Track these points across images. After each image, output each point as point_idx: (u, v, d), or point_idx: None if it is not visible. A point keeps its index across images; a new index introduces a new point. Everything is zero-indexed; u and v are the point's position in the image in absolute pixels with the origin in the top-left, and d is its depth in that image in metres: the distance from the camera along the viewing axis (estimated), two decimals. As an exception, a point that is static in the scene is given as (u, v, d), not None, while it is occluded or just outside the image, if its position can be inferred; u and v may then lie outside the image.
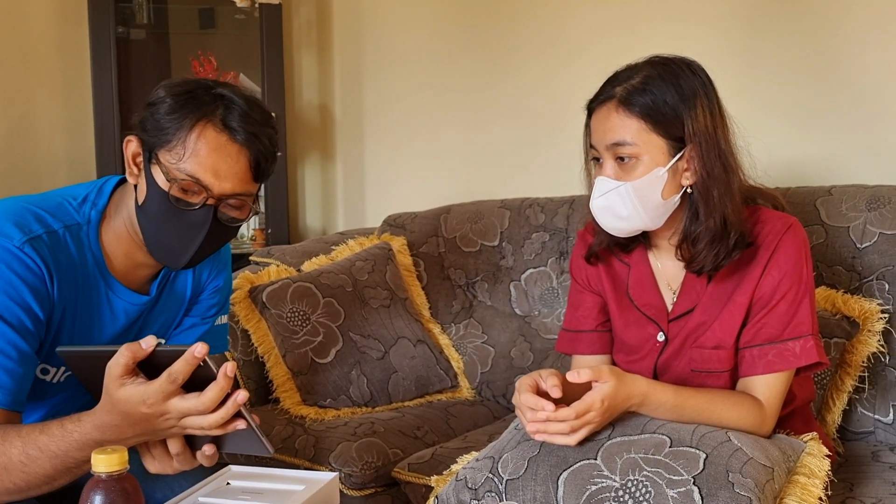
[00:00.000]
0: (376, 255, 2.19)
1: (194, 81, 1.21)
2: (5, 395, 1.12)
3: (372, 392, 1.98)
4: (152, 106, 1.18)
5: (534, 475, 1.18)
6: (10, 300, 1.12)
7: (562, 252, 2.14)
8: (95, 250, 1.23)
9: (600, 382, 1.17)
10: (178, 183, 1.16)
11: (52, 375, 1.25)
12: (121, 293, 1.27)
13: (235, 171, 1.17)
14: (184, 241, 1.20)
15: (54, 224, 1.19)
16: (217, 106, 1.17)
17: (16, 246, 1.13)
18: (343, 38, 2.88)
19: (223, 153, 1.16)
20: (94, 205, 1.24)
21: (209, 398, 1.00)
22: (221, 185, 1.17)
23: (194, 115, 1.16)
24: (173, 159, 1.16)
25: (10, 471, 1.07)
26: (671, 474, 1.12)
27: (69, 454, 1.06)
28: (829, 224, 1.77)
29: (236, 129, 1.16)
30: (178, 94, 1.17)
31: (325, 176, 2.98)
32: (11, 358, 1.13)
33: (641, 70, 1.29)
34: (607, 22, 2.35)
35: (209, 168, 1.16)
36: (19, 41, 2.55)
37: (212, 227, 1.19)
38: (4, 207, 1.18)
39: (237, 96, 1.19)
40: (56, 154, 2.67)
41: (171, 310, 1.37)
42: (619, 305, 1.44)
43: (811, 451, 1.29)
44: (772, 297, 1.29)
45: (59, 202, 1.22)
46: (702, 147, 1.27)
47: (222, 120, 1.17)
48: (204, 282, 1.41)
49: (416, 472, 1.65)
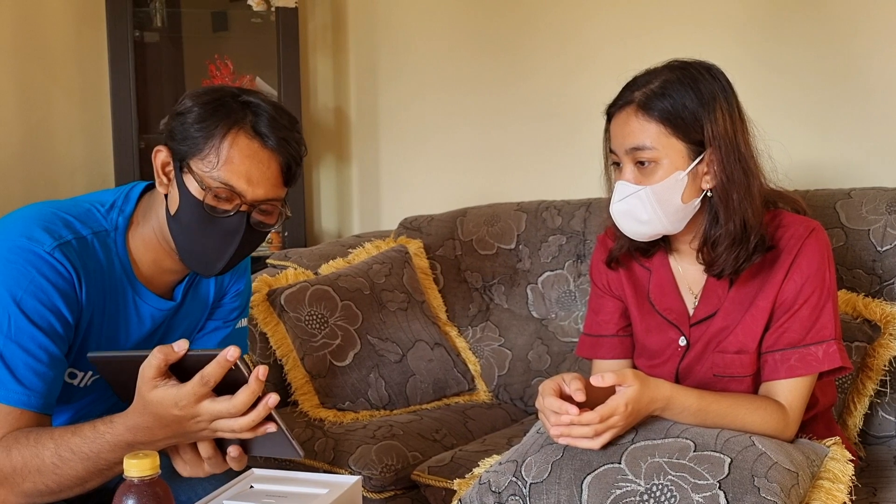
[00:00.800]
0: (393, 257, 2.20)
1: (219, 89, 1.22)
2: (37, 398, 1.13)
3: (390, 395, 1.99)
4: (180, 115, 1.19)
5: (558, 479, 1.18)
6: (40, 304, 1.13)
7: (579, 255, 2.14)
8: (123, 256, 1.24)
9: (624, 386, 1.17)
10: (212, 191, 1.17)
11: (80, 379, 1.26)
12: (147, 298, 1.28)
13: (267, 176, 1.18)
14: (218, 249, 1.21)
15: (83, 230, 1.20)
16: (246, 113, 1.18)
17: (46, 251, 1.14)
18: (358, 41, 2.89)
19: (255, 159, 1.17)
20: (122, 211, 1.26)
21: (241, 401, 1.01)
22: (255, 191, 1.18)
23: (225, 122, 1.17)
24: (206, 167, 1.17)
25: (43, 472, 1.09)
26: (696, 479, 1.12)
27: (101, 456, 1.07)
28: (849, 227, 1.76)
29: (267, 134, 1.18)
30: (206, 102, 1.18)
31: (340, 178, 2.99)
32: (42, 361, 1.14)
33: (661, 74, 1.29)
34: (623, 25, 2.35)
35: (242, 175, 1.17)
36: (37, 46, 2.57)
37: (245, 233, 1.20)
38: (34, 213, 1.20)
39: (264, 102, 1.20)
40: (74, 158, 2.68)
41: (194, 314, 1.38)
42: (641, 310, 1.44)
43: (834, 456, 1.29)
44: (794, 302, 1.29)
45: (87, 208, 1.24)
46: (721, 151, 1.27)
47: (253, 126, 1.18)
48: (226, 286, 1.42)
49: (435, 475, 1.65)
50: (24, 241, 1.14)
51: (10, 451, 1.10)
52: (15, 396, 1.12)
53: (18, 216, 1.20)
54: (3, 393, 1.12)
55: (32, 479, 1.09)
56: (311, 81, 2.94)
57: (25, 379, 1.12)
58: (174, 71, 2.88)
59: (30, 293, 1.12)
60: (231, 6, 2.83)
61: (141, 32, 2.65)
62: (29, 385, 1.13)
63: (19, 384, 1.12)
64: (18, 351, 1.12)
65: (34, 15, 2.57)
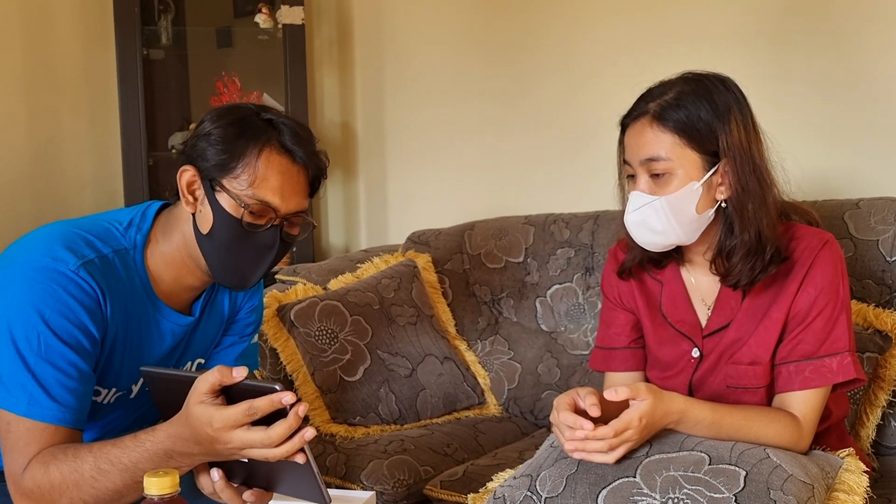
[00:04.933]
0: (402, 272, 2.20)
1: (239, 108, 1.25)
2: (70, 414, 1.15)
3: (400, 409, 1.99)
4: (207, 136, 1.22)
5: (573, 493, 1.18)
6: (68, 322, 1.15)
7: (587, 268, 2.14)
8: (142, 274, 1.26)
9: (638, 400, 1.17)
10: (249, 208, 1.20)
11: (104, 397, 1.27)
12: (167, 315, 1.29)
13: (297, 190, 1.23)
14: (254, 263, 1.24)
15: (104, 249, 1.22)
16: (271, 130, 1.22)
17: (71, 270, 1.16)
18: (364, 57, 2.90)
19: (287, 175, 1.21)
20: (139, 229, 1.27)
21: (277, 434, 1.01)
22: (287, 205, 1.22)
23: (255, 141, 1.20)
24: (241, 185, 1.20)
25: (81, 487, 1.10)
26: (712, 492, 1.12)
27: (139, 466, 1.08)
28: (858, 237, 1.76)
29: (295, 150, 1.22)
30: (231, 122, 1.22)
31: (347, 193, 3.00)
32: (73, 377, 1.15)
33: (675, 86, 1.30)
34: (631, 38, 2.36)
35: (277, 191, 1.20)
36: (46, 65, 2.59)
37: (279, 246, 1.24)
38: (55, 232, 1.21)
39: (283, 118, 1.24)
40: (83, 175, 2.70)
41: (212, 330, 1.40)
42: (653, 322, 1.44)
43: (849, 468, 1.29)
44: (808, 314, 1.29)
45: (105, 227, 1.25)
46: (736, 162, 1.27)
47: (280, 143, 1.21)
48: (240, 302, 1.43)
49: (448, 489, 1.65)
50: (48, 260, 1.16)
51: (47, 466, 1.11)
52: (49, 413, 1.13)
53: (39, 236, 1.21)
54: (37, 410, 1.13)
55: (70, 493, 1.10)
56: (318, 97, 2.96)
57: (58, 395, 1.14)
58: (180, 88, 2.90)
59: (57, 311, 1.14)
60: (236, 23, 2.85)
61: (147, 50, 2.67)
62: (62, 401, 1.14)
63: (52, 400, 1.13)
64: (49, 368, 1.13)
65: (43, 35, 2.59)
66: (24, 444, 1.13)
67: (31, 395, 1.13)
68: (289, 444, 1.01)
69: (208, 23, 2.87)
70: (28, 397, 1.13)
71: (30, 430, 1.13)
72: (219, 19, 2.89)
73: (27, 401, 1.13)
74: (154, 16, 2.69)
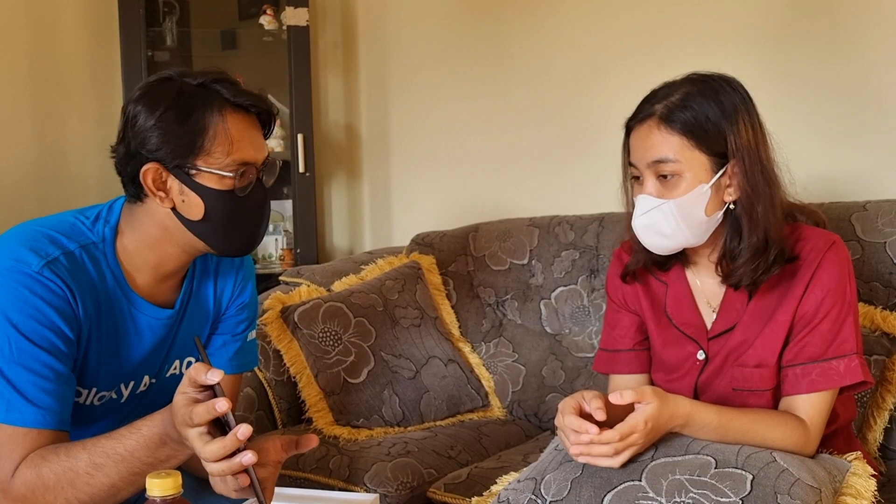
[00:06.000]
0: (406, 274, 2.20)
1: (161, 85, 1.20)
2: (51, 416, 1.13)
3: (404, 412, 1.98)
4: (154, 128, 1.17)
5: (577, 497, 1.17)
6: (38, 324, 1.13)
7: (592, 270, 2.14)
8: (114, 267, 1.23)
9: (643, 404, 1.16)
10: (236, 176, 1.20)
11: (85, 398, 1.25)
12: (143, 308, 1.26)
13: (260, 136, 1.24)
14: (254, 224, 1.25)
15: (69, 245, 1.19)
16: (213, 92, 1.20)
17: (35, 271, 1.13)
18: (368, 59, 2.90)
19: (251, 127, 1.22)
20: (107, 222, 1.24)
21: (210, 451, 1.01)
22: (258, 155, 1.23)
23: (208, 110, 1.18)
24: (219, 158, 1.18)
25: (76, 484, 1.09)
26: (718, 496, 1.11)
27: (135, 454, 1.08)
28: (865, 240, 1.75)
29: (242, 102, 1.21)
30: (170, 104, 1.17)
31: (351, 195, 3.00)
32: (49, 379, 1.14)
33: (681, 87, 1.29)
34: (636, 40, 2.35)
35: (250, 146, 1.21)
36: (51, 67, 2.59)
37: (268, 198, 1.26)
38: (18, 233, 1.19)
39: (209, 76, 1.22)
40: (87, 177, 2.70)
41: (197, 326, 1.36)
42: (658, 324, 1.43)
43: (856, 471, 1.27)
44: (815, 316, 1.28)
45: (71, 222, 1.23)
46: (745, 162, 1.26)
47: (228, 101, 1.20)
48: (228, 296, 1.39)
49: (452, 492, 1.64)
50: (10, 262, 1.14)
51: (39, 468, 1.10)
52: (29, 417, 1.12)
53: (3, 239, 1.19)
54: (16, 415, 1.12)
55: (65, 493, 1.09)
56: (322, 99, 2.96)
57: (36, 399, 1.12)
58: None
59: (25, 314, 1.12)
60: (240, 25, 2.85)
61: (152, 52, 2.67)
62: (40, 404, 1.12)
63: (31, 404, 1.12)
64: (24, 372, 1.12)
65: (49, 36, 2.59)
66: (8, 450, 1.12)
67: (8, 401, 1.11)
68: (224, 464, 1.01)
69: (213, 24, 2.87)
70: (6, 403, 1.11)
71: (11, 437, 1.12)
72: (223, 21, 2.89)
73: (5, 407, 1.11)
74: (159, 17, 2.69)
